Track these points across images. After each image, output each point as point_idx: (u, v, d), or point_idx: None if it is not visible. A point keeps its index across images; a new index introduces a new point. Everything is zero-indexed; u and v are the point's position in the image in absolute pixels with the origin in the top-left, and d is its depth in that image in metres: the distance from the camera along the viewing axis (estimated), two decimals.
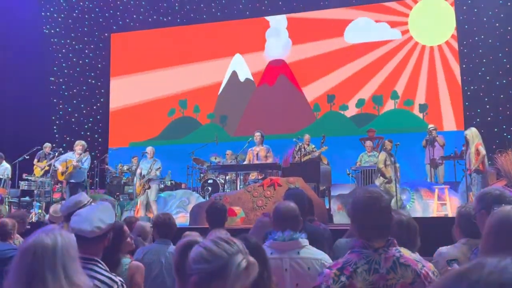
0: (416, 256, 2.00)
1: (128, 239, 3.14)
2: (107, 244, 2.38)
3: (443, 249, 2.99)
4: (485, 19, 12.15)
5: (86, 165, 9.41)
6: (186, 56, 14.55)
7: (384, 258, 1.94)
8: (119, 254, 2.89)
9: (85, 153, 9.41)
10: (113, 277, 2.31)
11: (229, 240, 1.50)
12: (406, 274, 1.90)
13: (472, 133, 7.89)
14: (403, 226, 2.66)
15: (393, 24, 13.05)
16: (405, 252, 1.99)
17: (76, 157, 9.28)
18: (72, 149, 9.74)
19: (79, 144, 9.48)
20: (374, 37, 13.11)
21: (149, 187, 9.36)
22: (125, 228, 3.15)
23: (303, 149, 9.65)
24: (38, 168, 10.57)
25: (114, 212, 2.52)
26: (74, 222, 2.32)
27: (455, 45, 12.52)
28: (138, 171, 9.58)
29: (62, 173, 9.23)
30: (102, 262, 2.34)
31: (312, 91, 13.50)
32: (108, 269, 2.34)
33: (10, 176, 10.11)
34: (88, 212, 2.38)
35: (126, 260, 3.13)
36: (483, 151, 7.76)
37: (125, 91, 14.94)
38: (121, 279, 2.33)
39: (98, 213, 2.37)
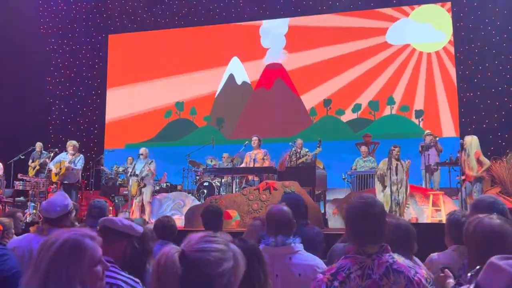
0: (409, 262, 2.02)
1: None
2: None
3: (434, 255, 3.03)
4: (481, 26, 12.22)
5: (79, 165, 9.30)
6: (183, 58, 14.54)
7: (377, 264, 1.95)
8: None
9: (77, 154, 9.36)
10: (132, 277, 2.26)
11: (212, 235, 1.49)
12: (399, 280, 1.91)
13: (473, 140, 7.94)
14: (400, 230, 2.68)
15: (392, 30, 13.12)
16: (399, 258, 2.00)
17: (69, 158, 9.21)
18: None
19: (70, 145, 9.37)
20: (372, 43, 13.17)
21: (144, 186, 9.34)
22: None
23: (297, 154, 9.66)
24: (31, 168, 10.55)
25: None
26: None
27: (452, 51, 12.58)
28: (132, 171, 9.57)
29: (56, 174, 9.16)
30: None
31: (309, 96, 13.53)
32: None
33: (2, 174, 10.08)
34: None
35: None
36: (487, 160, 7.88)
37: (122, 93, 14.92)
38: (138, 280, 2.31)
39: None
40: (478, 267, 2.33)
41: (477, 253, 1.83)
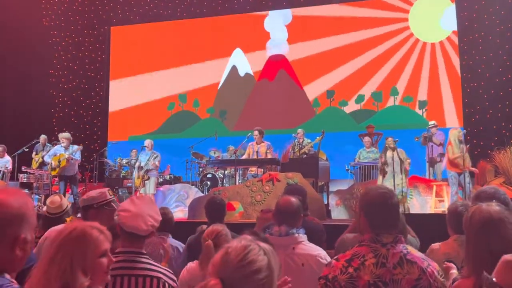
0: (422, 255, 2.06)
1: None
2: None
3: (435, 245, 3.05)
4: (485, 16, 12.13)
5: (78, 156, 9.35)
6: (186, 50, 14.52)
7: (391, 253, 1.99)
8: None
9: (76, 146, 9.37)
10: (167, 269, 2.33)
11: (252, 249, 1.47)
12: (412, 270, 1.95)
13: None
14: None
15: (393, 21, 13.04)
16: (412, 250, 2.04)
17: (65, 150, 9.19)
18: (72, 142, 9.68)
19: (63, 137, 9.34)
20: (375, 34, 13.10)
21: (148, 178, 9.36)
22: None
23: (299, 145, 9.66)
24: (34, 160, 10.60)
25: (156, 205, 2.49)
26: (126, 218, 2.26)
27: (456, 41, 12.50)
28: (137, 164, 9.58)
29: (55, 168, 9.14)
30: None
31: (312, 87, 13.49)
32: None
33: (10, 168, 10.14)
34: (137, 208, 2.30)
35: None
36: None
37: (125, 85, 14.93)
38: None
39: (147, 209, 2.31)
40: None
41: (475, 239, 1.85)
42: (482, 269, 1.73)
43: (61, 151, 9.18)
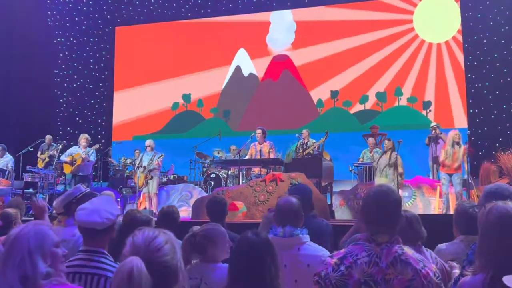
0: (419, 256, 2.03)
1: None
2: (113, 236, 2.42)
3: (441, 246, 3.03)
4: (490, 16, 12.10)
5: (93, 158, 9.50)
6: (190, 50, 14.54)
7: (385, 253, 1.97)
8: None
9: (92, 147, 9.54)
10: None
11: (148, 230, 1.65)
12: (406, 271, 1.92)
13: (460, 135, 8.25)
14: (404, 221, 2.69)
15: (398, 22, 13.01)
16: (409, 251, 2.01)
17: (83, 150, 9.34)
18: (75, 142, 9.77)
19: (83, 138, 9.50)
20: (379, 34, 13.08)
21: (151, 178, 9.40)
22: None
23: (304, 145, 9.66)
24: (40, 160, 10.65)
25: (117, 204, 2.56)
26: (82, 215, 2.36)
27: (460, 42, 12.47)
28: (138, 163, 9.64)
29: (71, 164, 9.24)
30: (109, 255, 2.36)
31: (316, 87, 13.48)
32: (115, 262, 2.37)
33: (13, 167, 10.18)
34: (94, 205, 2.41)
35: None
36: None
37: (129, 85, 14.96)
38: None
39: (104, 205, 2.40)
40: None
41: (491, 235, 1.83)
42: (495, 264, 1.72)
43: (78, 151, 9.32)
